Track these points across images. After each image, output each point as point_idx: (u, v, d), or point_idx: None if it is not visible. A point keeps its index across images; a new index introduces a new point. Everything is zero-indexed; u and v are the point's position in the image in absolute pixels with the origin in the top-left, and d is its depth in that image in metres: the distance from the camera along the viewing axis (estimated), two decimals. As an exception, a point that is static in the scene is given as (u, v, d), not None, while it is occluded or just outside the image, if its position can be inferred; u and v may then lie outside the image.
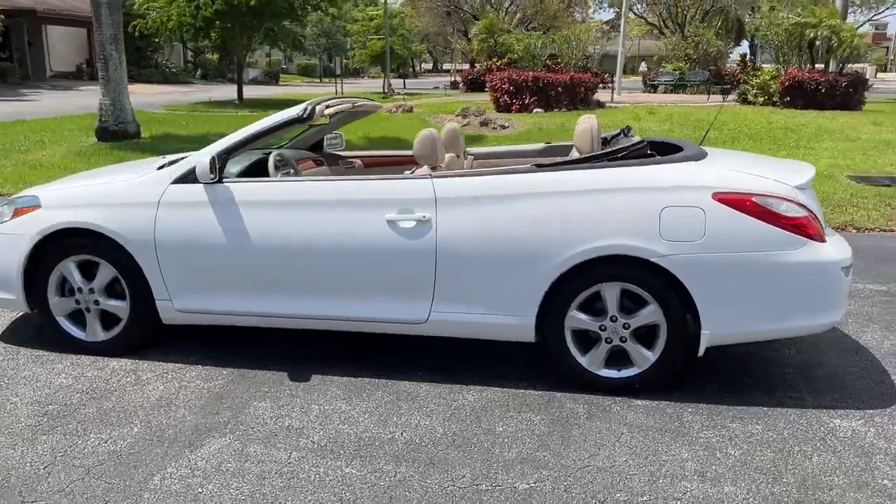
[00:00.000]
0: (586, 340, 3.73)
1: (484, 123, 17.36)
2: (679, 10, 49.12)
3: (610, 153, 3.80)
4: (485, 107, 19.70)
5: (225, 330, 4.21)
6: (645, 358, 3.64)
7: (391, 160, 5.33)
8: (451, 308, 3.75)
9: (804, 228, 3.50)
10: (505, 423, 3.39)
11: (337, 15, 48.09)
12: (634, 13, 50.86)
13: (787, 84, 20.09)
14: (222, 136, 4.15)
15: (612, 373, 3.70)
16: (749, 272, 3.47)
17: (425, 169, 4.21)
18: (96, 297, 4.10)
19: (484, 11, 40.42)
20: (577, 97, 19.59)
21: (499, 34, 28.58)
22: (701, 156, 3.78)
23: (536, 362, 3.99)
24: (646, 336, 3.65)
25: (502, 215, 3.63)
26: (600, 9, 56.54)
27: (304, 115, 4.01)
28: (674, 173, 3.61)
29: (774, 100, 20.56)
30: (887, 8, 51.19)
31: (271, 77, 50.77)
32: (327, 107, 4.27)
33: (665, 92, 28.17)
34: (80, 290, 4.10)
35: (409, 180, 3.82)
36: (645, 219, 3.50)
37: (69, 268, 4.08)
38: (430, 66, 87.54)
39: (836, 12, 21.56)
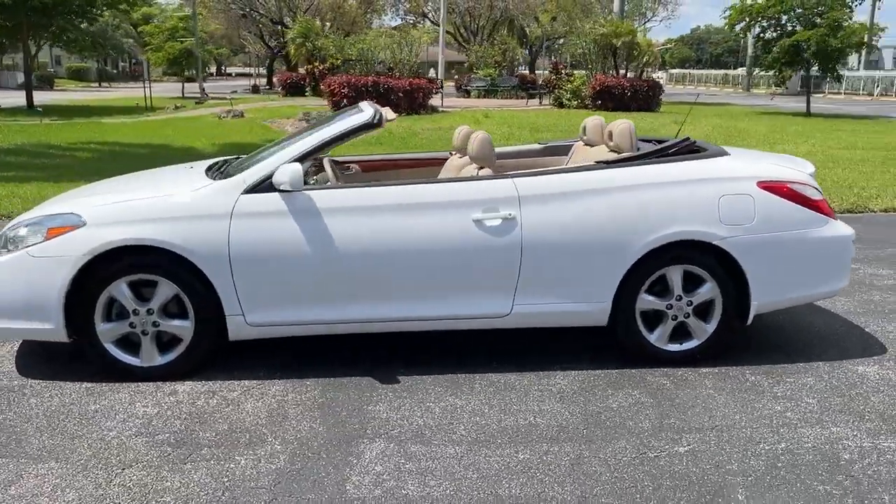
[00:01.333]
0: (650, 320, 4.13)
1: (331, 128, 17.31)
2: (472, 19, 51.64)
3: (663, 149, 4.24)
4: (323, 111, 19.63)
5: (254, 344, 4.09)
6: (704, 330, 4.12)
7: (389, 164, 5.39)
8: (532, 300, 3.99)
9: (824, 209, 4.17)
10: (615, 400, 3.70)
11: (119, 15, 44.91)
12: (430, 20, 52.58)
13: (598, 89, 22.07)
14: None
15: (675, 346, 4.15)
16: (788, 248, 4.07)
17: (472, 168, 4.40)
18: (155, 318, 3.83)
19: (298, 16, 39.64)
20: (416, 102, 20.14)
21: (314, 38, 28.44)
22: (727, 152, 4.34)
23: (569, 348, 4.33)
24: (703, 311, 4.13)
25: (581, 210, 3.93)
26: (396, 15, 57.74)
27: (375, 121, 4.03)
28: (724, 166, 4.14)
29: (587, 103, 22.49)
30: (654, 17, 57.16)
31: (44, 81, 46.34)
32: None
33: (478, 97, 29.61)
34: (135, 312, 3.80)
35: (493, 181, 4.00)
36: (707, 206, 3.98)
37: (121, 289, 3.77)
38: (212, 69, 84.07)
39: (633, 29, 24.00)
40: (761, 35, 27.94)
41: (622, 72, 24.15)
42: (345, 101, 19.73)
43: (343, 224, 3.82)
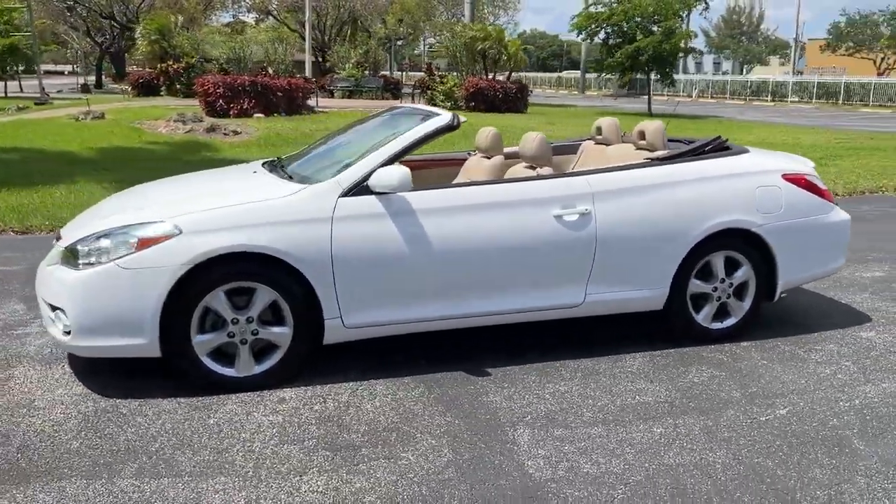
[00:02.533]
0: (696, 302, 4.55)
1: (212, 129, 16.66)
2: (318, 18, 51.00)
3: (702, 147, 4.68)
4: (192, 111, 18.79)
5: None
6: (742, 308, 4.61)
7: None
8: (602, 289, 4.29)
9: (829, 197, 4.80)
10: (693, 376, 4.08)
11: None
12: (275, 18, 51.40)
13: (471, 91, 22.75)
14: None
15: (717, 325, 4.61)
16: (806, 232, 4.65)
17: (521, 167, 4.64)
18: (255, 326, 3.74)
19: (142, 14, 37.09)
20: (295, 102, 19.79)
21: (170, 36, 27.07)
22: (748, 149, 4.86)
23: (607, 335, 4.70)
24: (738, 292, 4.61)
25: (646, 203, 4.28)
26: (238, 12, 55.79)
27: (455, 123, 4.15)
28: (754, 161, 4.66)
29: (460, 104, 23.10)
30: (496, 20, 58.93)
31: None
32: None
33: (343, 97, 29.46)
34: (234, 321, 3.70)
35: (569, 178, 4.26)
36: (747, 198, 4.47)
37: (220, 298, 3.66)
38: (21, 67, 77.16)
39: (502, 31, 24.91)
40: (606, 41, 30.01)
41: (490, 74, 25.02)
42: (220, 101, 19.00)
43: (437, 224, 3.92)
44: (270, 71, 21.14)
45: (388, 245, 3.84)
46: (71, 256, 3.69)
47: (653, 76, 30.64)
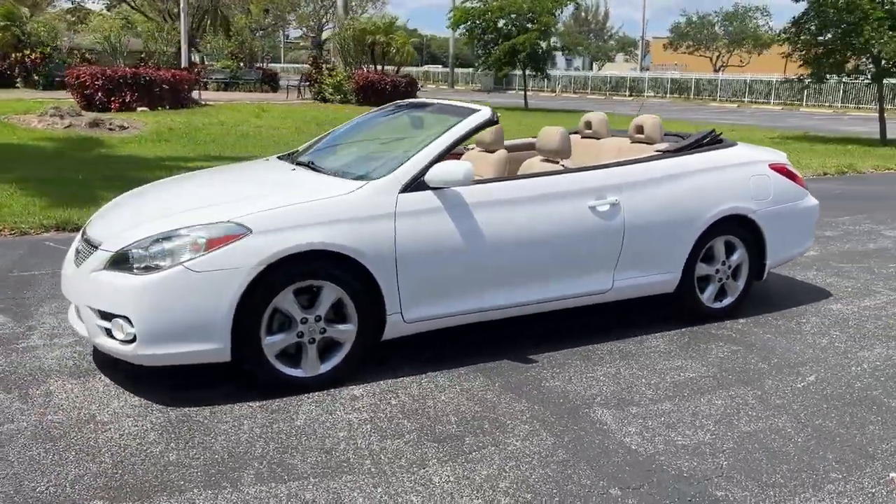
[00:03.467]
0: (700, 284, 4.91)
1: (95, 124, 15.63)
2: (176, 4, 48.61)
3: (701, 139, 5.02)
4: (67, 104, 17.55)
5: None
6: (737, 288, 5.03)
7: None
8: (627, 275, 4.55)
9: (803, 184, 5.30)
10: (718, 352, 4.41)
11: None
12: (130, 5, 48.43)
13: (362, 84, 22.61)
14: None
15: (718, 304, 4.99)
16: (788, 216, 5.13)
17: (537, 160, 4.81)
18: (322, 324, 3.69)
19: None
20: (181, 95, 18.91)
21: (22, 22, 24.98)
22: (737, 142, 5.27)
23: (612, 321, 5.01)
24: (734, 274, 5.01)
25: (666, 192, 4.58)
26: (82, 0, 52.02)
27: (495, 119, 4.25)
28: (746, 152, 5.07)
29: (350, 98, 22.92)
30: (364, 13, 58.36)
31: None
32: None
33: (218, 89, 28.42)
34: (303, 320, 3.63)
35: (600, 170, 4.46)
36: (744, 186, 4.87)
37: (289, 298, 3.58)
38: None
39: (391, 24, 24.86)
40: (482, 36, 30.72)
41: (378, 67, 24.93)
42: (99, 94, 17.83)
43: (489, 217, 4.02)
44: (151, 63, 19.99)
45: (446, 239, 3.90)
46: (122, 261, 3.49)
47: (527, 72, 31.77)
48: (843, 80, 19.16)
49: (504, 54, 29.04)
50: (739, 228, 4.91)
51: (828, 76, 18.56)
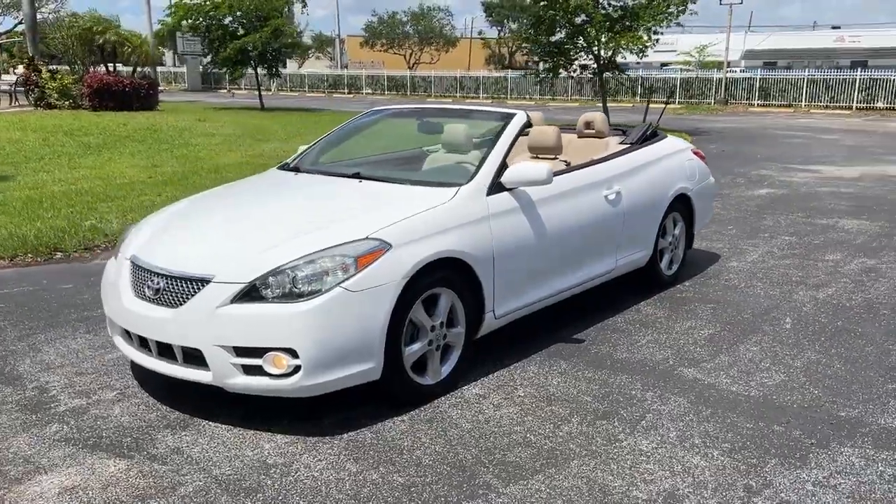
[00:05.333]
0: (660, 255, 5.69)
1: None
2: None
3: (646, 132, 5.76)
4: None
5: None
6: (679, 257, 5.91)
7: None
8: (623, 255, 5.15)
9: (706, 166, 6.36)
10: (704, 312, 5.18)
11: None
12: None
13: (95, 87, 20.51)
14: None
15: (669, 272, 5.82)
16: (705, 192, 6.13)
17: (526, 157, 5.22)
18: (444, 330, 3.76)
19: None
20: None
21: None
22: (666, 134, 6.13)
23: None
24: (676, 244, 5.89)
25: (646, 179, 5.26)
26: None
27: (529, 121, 4.55)
28: (677, 141, 5.94)
29: (81, 103, 20.69)
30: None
31: None
32: None
33: None
34: (432, 328, 3.68)
35: (607, 162, 4.99)
36: (683, 169, 5.75)
37: (420, 308, 3.61)
38: None
39: (112, 23, 22.65)
40: (206, 34, 29.44)
41: (110, 67, 22.64)
42: None
43: (551, 210, 4.36)
44: None
45: (525, 234, 4.16)
46: (259, 290, 3.25)
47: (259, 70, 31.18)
48: (571, 75, 21.76)
49: (236, 53, 28.21)
50: (681, 206, 5.76)
51: (562, 71, 20.99)
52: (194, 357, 3.36)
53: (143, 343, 3.59)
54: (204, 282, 3.33)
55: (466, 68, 59.41)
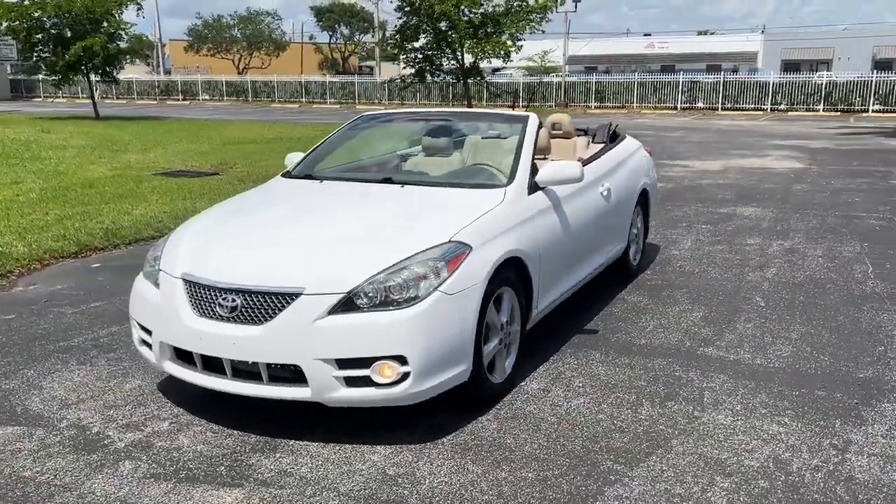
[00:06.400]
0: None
1: None
2: None
3: (611, 131, 6.07)
4: None
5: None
6: (640, 247, 6.31)
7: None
8: (609, 247, 5.43)
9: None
10: (683, 297, 5.57)
11: None
12: None
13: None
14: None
15: (635, 261, 6.19)
16: (655, 186, 6.59)
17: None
18: (509, 329, 3.82)
19: None
20: None
21: None
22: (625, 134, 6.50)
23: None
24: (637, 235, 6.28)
25: (622, 176, 5.59)
26: None
27: (541, 123, 4.70)
28: (634, 141, 6.33)
29: None
30: None
31: None
32: None
33: None
34: (502, 327, 3.73)
35: (597, 161, 5.22)
36: (642, 166, 6.16)
37: (492, 308, 3.65)
38: None
39: None
40: (27, 38, 27.21)
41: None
42: None
43: (572, 207, 4.55)
44: None
45: (558, 230, 4.31)
46: (355, 300, 3.16)
47: (93, 77, 29.24)
48: (436, 79, 22.17)
49: (75, 59, 26.30)
50: (642, 199, 6.15)
51: (427, 76, 21.35)
52: (284, 374, 3.20)
53: (208, 365, 3.35)
54: (293, 296, 3.17)
55: (299, 73, 58.37)
